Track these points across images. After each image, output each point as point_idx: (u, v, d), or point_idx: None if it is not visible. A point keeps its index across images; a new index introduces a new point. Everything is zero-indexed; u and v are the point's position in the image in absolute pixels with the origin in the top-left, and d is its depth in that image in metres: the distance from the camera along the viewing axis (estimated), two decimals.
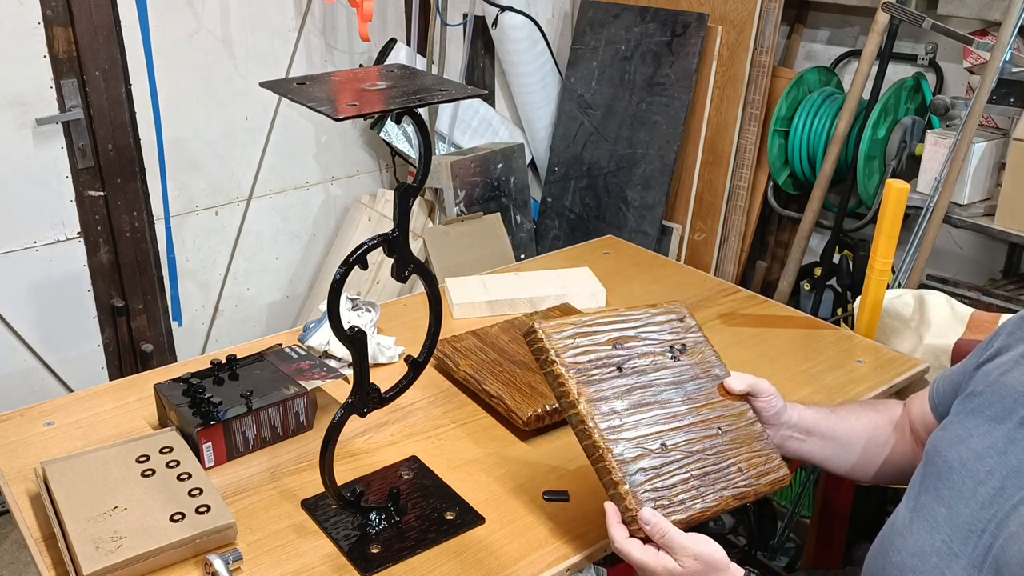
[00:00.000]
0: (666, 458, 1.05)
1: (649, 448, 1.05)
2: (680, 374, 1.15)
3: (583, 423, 1.04)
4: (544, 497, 1.24)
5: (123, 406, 1.46)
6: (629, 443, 1.04)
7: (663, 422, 1.08)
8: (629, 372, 1.10)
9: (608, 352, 1.10)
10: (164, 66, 2.56)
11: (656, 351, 1.15)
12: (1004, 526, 0.92)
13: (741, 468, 1.10)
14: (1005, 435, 0.96)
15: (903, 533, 1.02)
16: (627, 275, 1.96)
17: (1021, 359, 1.01)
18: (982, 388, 1.03)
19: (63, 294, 2.55)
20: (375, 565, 1.12)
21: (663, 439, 1.07)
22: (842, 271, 2.66)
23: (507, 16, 2.86)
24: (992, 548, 0.92)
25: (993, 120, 2.32)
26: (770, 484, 1.11)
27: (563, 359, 1.07)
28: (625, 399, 1.08)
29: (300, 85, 1.09)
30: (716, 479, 1.07)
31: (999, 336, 1.07)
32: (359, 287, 2.84)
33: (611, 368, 1.09)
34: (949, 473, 1.00)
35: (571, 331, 1.10)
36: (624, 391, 1.08)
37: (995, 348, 1.06)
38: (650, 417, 1.08)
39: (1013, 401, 0.98)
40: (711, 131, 2.79)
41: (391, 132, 3.00)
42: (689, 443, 1.08)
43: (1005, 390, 1.00)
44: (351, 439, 1.37)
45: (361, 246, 1.07)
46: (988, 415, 1.00)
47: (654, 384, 1.11)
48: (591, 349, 1.10)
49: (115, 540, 1.09)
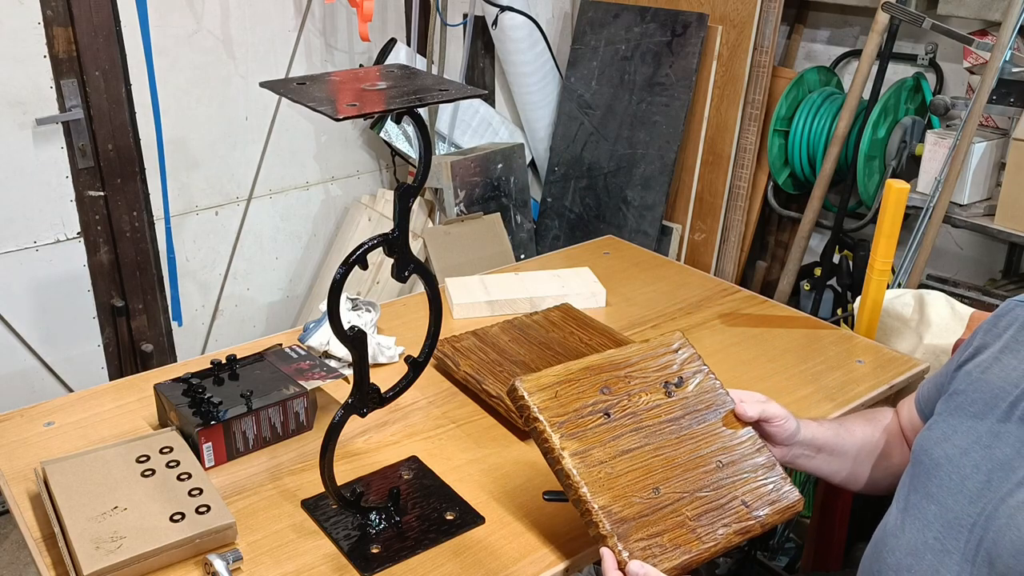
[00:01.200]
0: (658, 503, 1.03)
1: (640, 496, 1.03)
2: (675, 410, 1.12)
3: (568, 478, 1.03)
4: (544, 497, 1.24)
5: (123, 406, 1.46)
6: (618, 493, 1.02)
7: (656, 464, 1.06)
8: (618, 417, 1.08)
9: (595, 399, 1.09)
10: (164, 66, 2.56)
11: (649, 389, 1.12)
12: (993, 518, 0.92)
13: (745, 502, 1.07)
14: (988, 429, 0.98)
15: (896, 533, 1.03)
16: (627, 275, 1.96)
17: (999, 356, 1.03)
18: (964, 387, 1.05)
19: (63, 294, 2.55)
20: (375, 565, 1.12)
21: (655, 483, 1.05)
22: (842, 271, 2.66)
23: (507, 16, 2.86)
24: (983, 541, 0.93)
25: (993, 120, 2.32)
26: (779, 513, 1.09)
27: (546, 416, 1.05)
28: (613, 447, 1.06)
29: (300, 85, 1.09)
30: (716, 517, 1.05)
31: (976, 336, 1.09)
32: (359, 287, 2.84)
33: (599, 415, 1.07)
34: (936, 470, 1.01)
35: (553, 382, 1.08)
36: (612, 438, 1.06)
37: (973, 347, 1.08)
38: (642, 462, 1.06)
39: (994, 396, 0.99)
40: (711, 131, 2.79)
41: (391, 132, 3.00)
42: (684, 483, 1.06)
43: (986, 387, 1.01)
44: (351, 439, 1.37)
45: (361, 246, 1.07)
46: (971, 412, 1.01)
47: (646, 425, 1.09)
48: (576, 398, 1.08)
49: (115, 540, 1.09)
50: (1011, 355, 1.01)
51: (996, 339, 1.05)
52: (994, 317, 1.07)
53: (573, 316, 1.69)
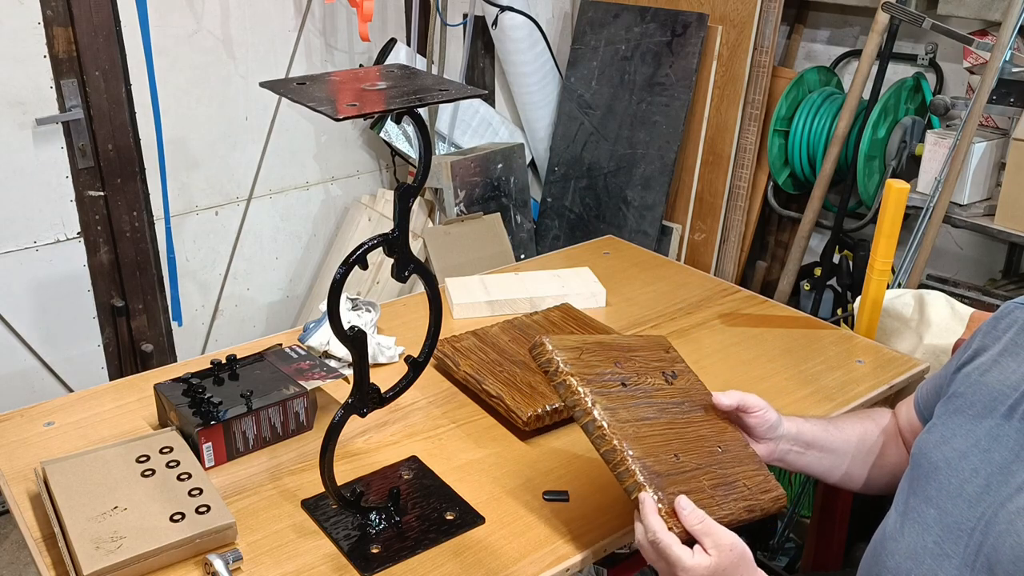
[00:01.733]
0: (680, 467, 1.04)
1: (664, 457, 1.04)
2: (676, 396, 1.15)
3: (600, 428, 1.03)
4: (544, 497, 1.24)
5: (123, 406, 1.46)
6: (647, 450, 1.03)
7: (671, 436, 1.08)
8: (633, 388, 1.11)
9: (612, 369, 1.11)
10: (164, 66, 2.56)
11: (652, 374, 1.15)
12: (993, 523, 0.92)
13: (746, 484, 1.09)
14: (987, 432, 0.98)
15: (895, 537, 1.02)
16: (627, 275, 1.96)
17: (999, 358, 1.02)
18: (963, 389, 1.04)
19: (63, 294, 2.55)
20: (375, 565, 1.12)
21: (675, 451, 1.06)
22: (842, 271, 2.66)
23: (507, 16, 2.86)
24: (983, 546, 0.92)
25: (993, 120, 2.32)
26: (772, 501, 1.11)
27: (574, 370, 1.07)
28: (634, 412, 1.07)
29: (300, 85, 1.09)
30: (728, 491, 1.07)
31: (975, 338, 1.08)
32: (359, 287, 2.84)
33: (617, 383, 1.10)
34: (935, 474, 1.00)
35: (575, 345, 1.10)
36: (632, 404, 1.08)
37: (973, 350, 1.07)
38: (659, 431, 1.07)
39: (993, 400, 0.99)
40: (711, 131, 2.79)
41: (391, 132, 3.00)
42: (698, 456, 1.08)
43: (985, 389, 1.01)
44: (351, 439, 1.37)
45: (361, 246, 1.07)
46: (970, 414, 1.01)
47: (657, 402, 1.12)
48: (596, 364, 1.10)
49: (115, 540, 1.09)
50: (1011, 358, 1.01)
51: (995, 341, 1.05)
52: (993, 319, 1.07)
53: (573, 316, 1.69)
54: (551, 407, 1.37)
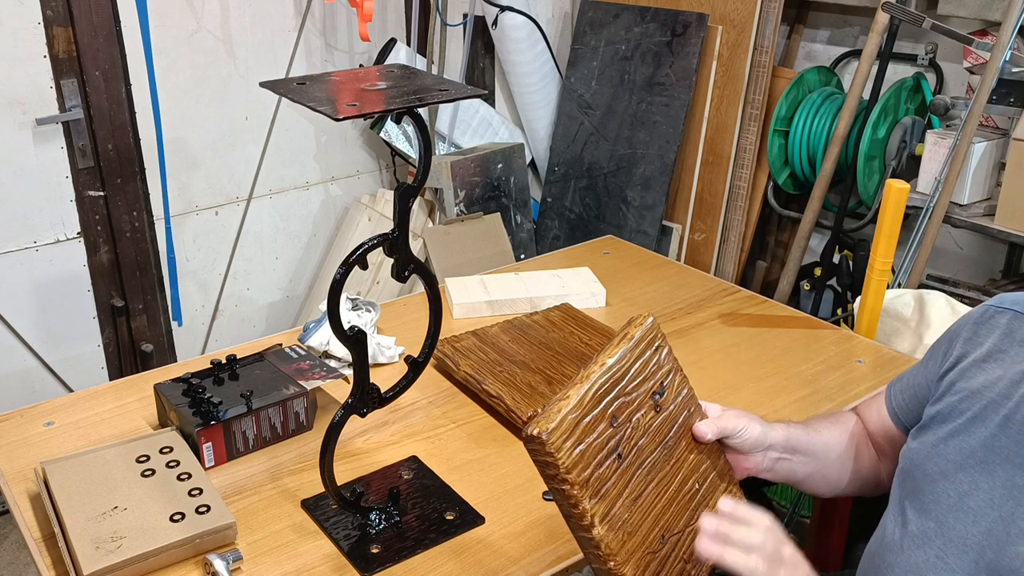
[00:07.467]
0: (665, 553, 1.00)
1: (652, 549, 0.99)
2: (663, 428, 1.05)
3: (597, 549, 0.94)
4: (544, 497, 1.24)
5: (123, 406, 1.46)
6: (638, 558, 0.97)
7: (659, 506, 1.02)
8: (627, 455, 1.00)
9: (607, 435, 0.97)
10: (164, 66, 2.56)
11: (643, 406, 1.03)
12: (996, 537, 0.91)
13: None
14: (982, 443, 0.95)
15: (894, 550, 1.01)
16: (627, 275, 1.96)
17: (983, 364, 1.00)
18: (948, 396, 1.02)
19: (63, 294, 2.55)
20: (375, 565, 1.12)
21: (662, 531, 1.01)
22: (842, 271, 2.66)
23: (507, 16, 2.86)
24: (988, 561, 0.91)
25: (993, 120, 2.32)
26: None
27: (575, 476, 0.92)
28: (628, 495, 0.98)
29: (300, 85, 1.09)
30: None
31: (956, 343, 1.05)
32: (359, 287, 2.84)
33: (612, 459, 0.97)
34: (930, 485, 0.98)
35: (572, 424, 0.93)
36: (626, 484, 0.99)
37: (955, 355, 1.04)
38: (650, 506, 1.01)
39: (983, 408, 0.97)
40: (711, 131, 2.79)
41: (391, 132, 3.00)
42: (679, 521, 1.03)
43: (972, 397, 0.98)
44: (351, 439, 1.37)
45: (361, 246, 1.07)
46: (959, 423, 0.98)
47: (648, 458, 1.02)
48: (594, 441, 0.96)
49: (115, 540, 1.09)
50: (995, 364, 0.99)
51: (977, 347, 1.02)
52: (974, 324, 1.04)
53: (573, 316, 1.69)
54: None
